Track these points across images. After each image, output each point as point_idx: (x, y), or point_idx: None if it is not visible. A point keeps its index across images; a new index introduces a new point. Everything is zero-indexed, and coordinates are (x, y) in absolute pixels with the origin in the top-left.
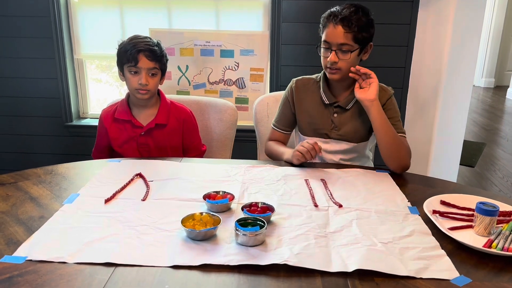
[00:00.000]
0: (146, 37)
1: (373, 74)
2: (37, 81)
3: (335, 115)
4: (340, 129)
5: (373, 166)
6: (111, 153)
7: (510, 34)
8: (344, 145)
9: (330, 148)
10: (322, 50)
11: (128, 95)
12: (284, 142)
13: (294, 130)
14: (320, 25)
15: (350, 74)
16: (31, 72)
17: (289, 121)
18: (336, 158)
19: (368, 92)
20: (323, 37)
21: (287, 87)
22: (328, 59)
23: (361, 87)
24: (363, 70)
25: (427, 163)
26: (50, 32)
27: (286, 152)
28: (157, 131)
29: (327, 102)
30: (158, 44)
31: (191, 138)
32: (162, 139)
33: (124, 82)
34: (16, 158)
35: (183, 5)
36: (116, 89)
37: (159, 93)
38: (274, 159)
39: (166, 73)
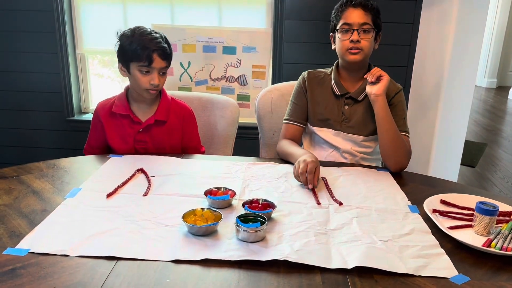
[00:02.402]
0: (152, 32)
1: (385, 73)
2: (39, 76)
3: (346, 106)
4: (351, 120)
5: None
6: (104, 149)
7: None
8: (354, 138)
9: (341, 138)
10: (340, 34)
11: (127, 89)
12: (299, 138)
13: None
14: (334, 15)
15: (365, 76)
16: (33, 67)
17: (305, 113)
18: (348, 146)
19: (376, 86)
20: (342, 21)
21: (299, 79)
22: (351, 38)
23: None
24: (378, 73)
25: (428, 163)
26: (53, 26)
27: (294, 157)
28: (156, 128)
29: (338, 93)
30: (166, 40)
31: (190, 137)
32: (160, 137)
33: (126, 77)
34: (18, 152)
35: (186, 1)
36: (117, 84)
37: None
38: (284, 159)
39: (168, 68)
